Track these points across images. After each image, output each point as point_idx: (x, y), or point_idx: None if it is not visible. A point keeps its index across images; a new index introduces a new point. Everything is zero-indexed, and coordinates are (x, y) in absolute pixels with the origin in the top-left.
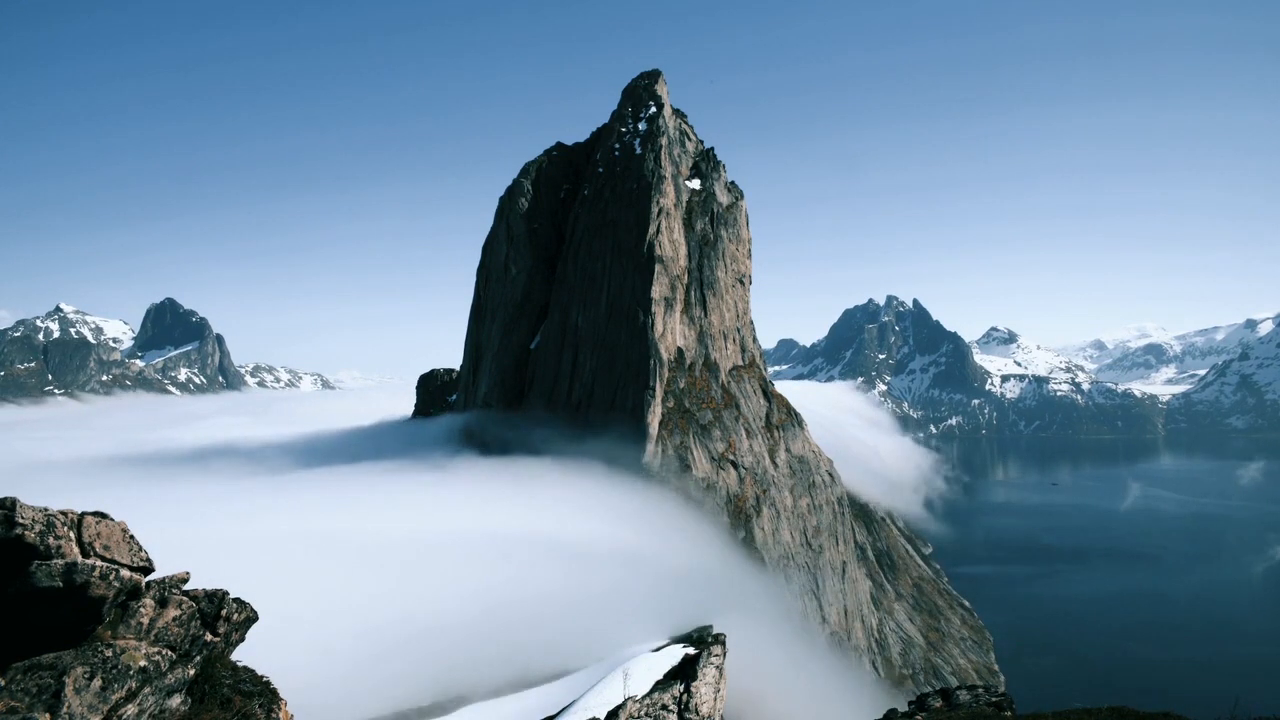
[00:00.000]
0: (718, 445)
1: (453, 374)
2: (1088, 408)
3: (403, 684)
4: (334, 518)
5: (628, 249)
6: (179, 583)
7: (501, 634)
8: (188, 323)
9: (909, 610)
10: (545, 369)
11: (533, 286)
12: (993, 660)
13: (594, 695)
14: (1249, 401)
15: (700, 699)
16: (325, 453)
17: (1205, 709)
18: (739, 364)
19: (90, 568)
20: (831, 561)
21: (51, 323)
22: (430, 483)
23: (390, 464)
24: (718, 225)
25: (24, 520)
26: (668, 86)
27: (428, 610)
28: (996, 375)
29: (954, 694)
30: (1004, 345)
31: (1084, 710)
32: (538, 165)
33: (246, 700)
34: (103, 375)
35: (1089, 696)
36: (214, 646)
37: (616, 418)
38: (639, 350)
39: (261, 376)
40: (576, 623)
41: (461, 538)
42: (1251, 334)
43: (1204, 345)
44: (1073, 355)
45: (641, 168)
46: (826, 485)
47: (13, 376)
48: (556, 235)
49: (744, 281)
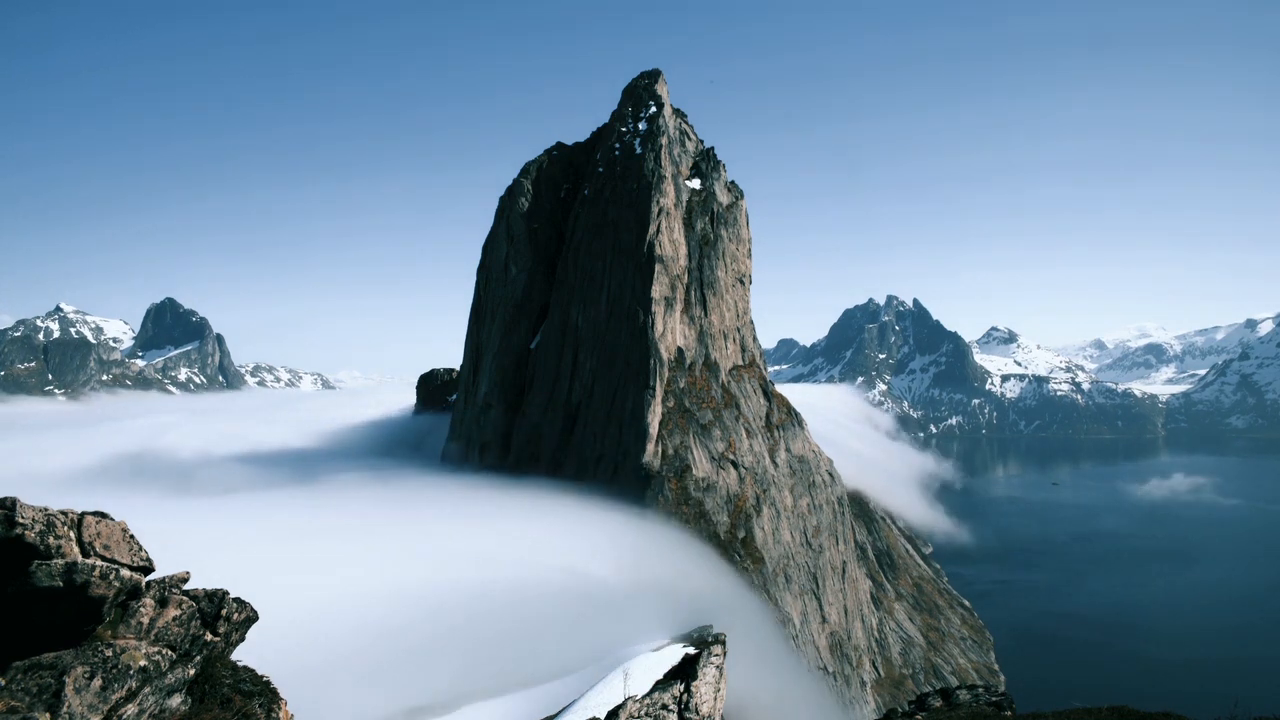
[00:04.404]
0: (718, 445)
1: (453, 374)
2: (1088, 407)
3: (403, 684)
4: (333, 519)
5: (628, 249)
6: (179, 582)
7: (502, 634)
8: (188, 322)
9: (909, 610)
10: (545, 369)
11: (533, 286)
12: (993, 660)
13: (594, 695)
14: (1249, 401)
15: (700, 699)
16: (325, 453)
17: (1205, 709)
18: (739, 364)
19: (90, 567)
20: (831, 561)
21: (51, 322)
22: (430, 486)
23: (390, 467)
24: (718, 225)
25: (24, 520)
26: (668, 86)
27: (428, 610)
28: (996, 375)
29: (954, 694)
30: (1004, 345)
31: (1084, 710)
32: (538, 165)
33: (246, 700)
34: (103, 375)
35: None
36: (214, 646)
37: (616, 418)
38: (639, 350)
39: (261, 376)
40: (576, 623)
41: (461, 538)
42: (1251, 334)
43: (1204, 345)
44: (1073, 355)
45: (642, 167)
46: (826, 485)
47: (13, 376)
48: (557, 235)
49: (744, 281)
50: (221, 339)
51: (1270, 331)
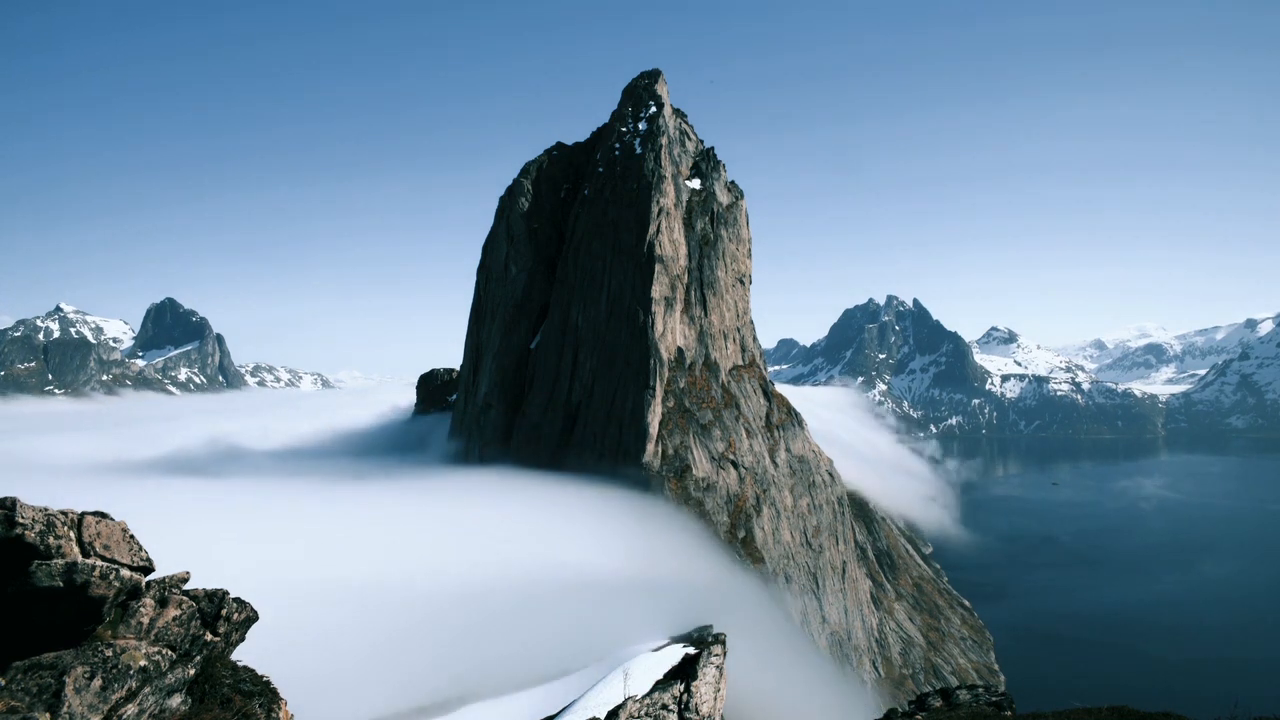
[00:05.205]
0: (718, 445)
1: (453, 374)
2: (1088, 407)
3: (403, 684)
4: (333, 519)
5: (628, 249)
6: (179, 582)
7: (502, 634)
8: (188, 322)
9: (909, 610)
10: (545, 369)
11: (533, 286)
12: (993, 660)
13: (594, 695)
14: (1249, 401)
15: (700, 699)
16: (325, 454)
17: (1205, 709)
18: (739, 364)
19: (90, 567)
20: (831, 561)
21: (51, 322)
22: (430, 486)
23: (390, 467)
24: (718, 225)
25: (24, 520)
26: (668, 86)
27: (428, 610)
28: (996, 375)
29: (954, 694)
30: (1004, 345)
31: (1084, 710)
32: (538, 165)
33: (246, 700)
34: (103, 375)
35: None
36: (214, 646)
37: (616, 417)
38: (639, 350)
39: (261, 376)
40: (576, 623)
41: (461, 539)
42: (1251, 334)
43: (1204, 345)
44: (1073, 355)
45: (642, 167)
46: (826, 485)
47: (13, 376)
48: (557, 235)
49: (744, 281)
50: (221, 339)
51: (1270, 331)
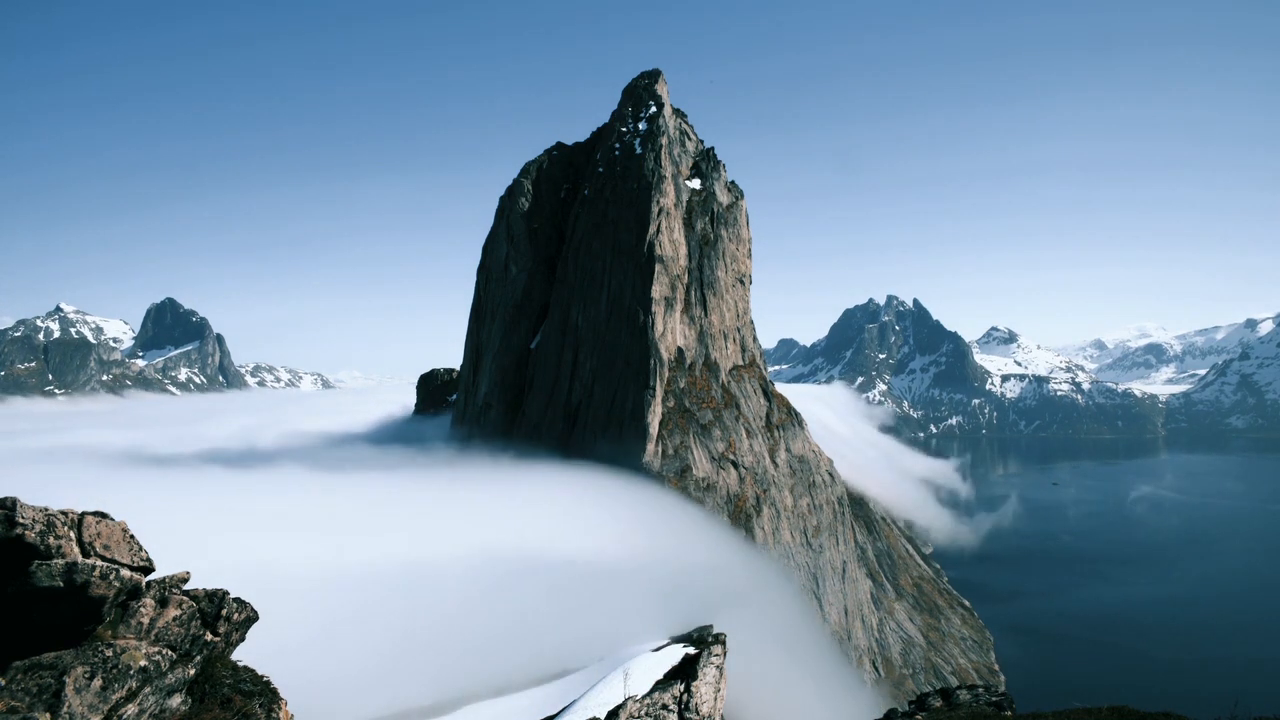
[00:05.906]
0: (718, 445)
1: (453, 373)
2: (1088, 407)
3: (403, 683)
4: (332, 519)
5: (628, 249)
6: (179, 582)
7: (502, 634)
8: (188, 322)
9: (909, 610)
10: (545, 369)
11: (533, 286)
12: (993, 660)
13: (594, 695)
14: (1249, 401)
15: (700, 698)
16: (325, 453)
17: (1205, 709)
18: (739, 364)
19: (90, 567)
20: (831, 561)
21: (52, 322)
22: (430, 485)
23: (390, 465)
24: (718, 225)
25: (24, 520)
26: (668, 86)
27: (428, 610)
28: (996, 375)
29: (954, 694)
30: (1004, 345)
31: (1084, 710)
32: (538, 165)
33: (247, 700)
34: (103, 375)
35: (1089, 696)
36: (214, 646)
37: (616, 417)
38: (639, 350)
39: (262, 376)
40: (576, 623)
41: (461, 539)
42: (1251, 334)
43: (1204, 345)
44: (1073, 355)
45: (641, 167)
46: (826, 485)
47: (13, 376)
48: (557, 235)
49: (744, 281)
50: (221, 339)
51: (1270, 331)
